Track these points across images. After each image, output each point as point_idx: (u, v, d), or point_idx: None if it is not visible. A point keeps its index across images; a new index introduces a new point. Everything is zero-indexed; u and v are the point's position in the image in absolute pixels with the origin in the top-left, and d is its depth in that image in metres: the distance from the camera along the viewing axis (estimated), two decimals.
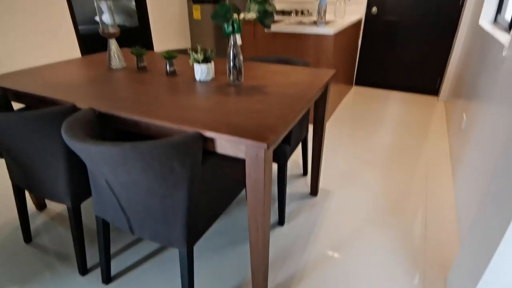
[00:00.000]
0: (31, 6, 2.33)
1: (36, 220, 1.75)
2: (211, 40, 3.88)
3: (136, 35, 4.79)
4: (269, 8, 1.19)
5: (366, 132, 2.76)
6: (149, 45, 3.50)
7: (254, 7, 1.17)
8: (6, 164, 1.42)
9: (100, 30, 1.58)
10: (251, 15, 1.20)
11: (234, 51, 1.30)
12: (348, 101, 3.52)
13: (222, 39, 3.82)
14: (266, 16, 1.20)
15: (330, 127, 2.86)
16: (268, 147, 0.89)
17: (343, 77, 3.35)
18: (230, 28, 1.18)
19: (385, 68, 3.80)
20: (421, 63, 3.59)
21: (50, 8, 2.45)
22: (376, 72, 3.86)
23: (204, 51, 1.38)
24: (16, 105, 2.21)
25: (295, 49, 2.70)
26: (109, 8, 1.58)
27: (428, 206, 1.84)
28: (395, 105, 3.40)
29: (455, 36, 3.29)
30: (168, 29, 3.64)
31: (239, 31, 1.19)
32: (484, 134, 1.59)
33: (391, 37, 3.62)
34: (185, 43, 3.96)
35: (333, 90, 2.96)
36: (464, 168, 1.86)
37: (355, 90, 3.90)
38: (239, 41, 1.26)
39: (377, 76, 3.88)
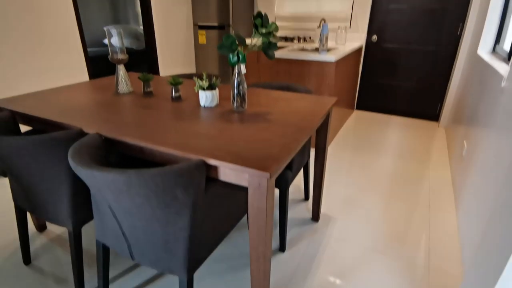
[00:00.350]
0: (41, 29, 2.42)
1: (36, 241, 1.74)
2: (215, 64, 3.98)
3: (143, 57, 4.92)
4: (273, 40, 1.23)
5: (368, 157, 2.77)
6: (155, 67, 3.58)
7: (259, 38, 1.22)
8: (10, 184, 1.43)
9: (110, 56, 1.63)
10: (256, 46, 1.24)
11: (239, 79, 1.34)
12: (350, 125, 3.55)
13: (226, 62, 3.92)
14: (270, 47, 1.24)
15: (331, 151, 2.88)
16: (270, 177, 0.90)
17: (345, 102, 3.40)
18: (235, 59, 1.22)
19: (386, 93, 3.86)
20: (421, 89, 3.65)
21: (60, 31, 2.54)
22: (377, 97, 3.92)
23: (209, 78, 1.42)
24: (23, 128, 2.25)
25: (297, 75, 2.76)
26: (119, 34, 1.64)
27: (431, 234, 1.82)
28: (396, 130, 3.43)
29: (454, 64, 3.36)
30: (174, 52, 3.74)
31: (244, 61, 1.23)
32: (485, 163, 1.60)
33: (391, 63, 3.70)
34: (190, 67, 4.06)
35: (334, 114, 3.00)
36: (466, 196, 1.86)
37: (356, 114, 3.94)
38: (243, 70, 1.30)
39: (378, 101, 3.94)
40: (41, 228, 1.82)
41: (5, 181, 2.30)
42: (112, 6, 5.43)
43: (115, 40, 4.98)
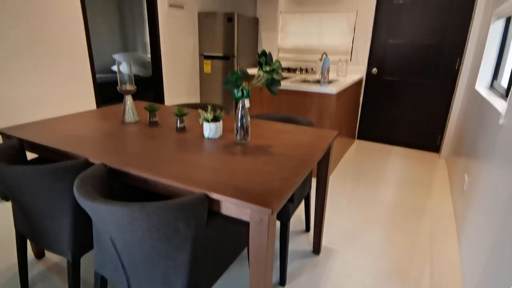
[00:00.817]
0: (53, 57, 2.51)
1: (34, 268, 1.72)
2: (219, 92, 4.07)
3: (149, 84, 5.05)
4: (276, 77, 1.28)
5: (369, 188, 2.77)
6: (160, 94, 3.67)
7: (263, 75, 1.27)
8: (13, 210, 1.44)
9: (119, 87, 1.69)
10: (260, 82, 1.29)
11: (242, 113, 1.38)
12: (351, 154, 3.57)
13: (230, 92, 4.01)
14: (273, 83, 1.29)
15: (333, 181, 2.88)
16: (272, 213, 0.91)
17: (346, 131, 3.45)
18: (240, 94, 1.27)
19: (387, 124, 3.91)
20: (421, 120, 3.70)
21: (72, 59, 2.64)
22: (377, 127, 3.97)
23: (214, 108, 1.47)
24: (30, 155, 2.28)
25: (299, 105, 2.83)
26: (128, 64, 1.70)
27: (434, 268, 1.79)
28: (397, 160, 3.44)
29: (453, 97, 3.43)
30: (179, 80, 3.84)
31: (248, 96, 1.28)
32: (486, 198, 1.60)
33: (391, 95, 3.78)
34: (195, 95, 4.15)
35: (336, 143, 3.03)
36: (468, 230, 1.84)
37: (358, 144, 3.98)
38: (247, 104, 1.34)
39: (379, 131, 3.98)
40: (39, 255, 1.80)
41: (6, 205, 2.31)
42: (122, 34, 5.64)
43: (123, 67, 5.13)
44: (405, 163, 3.36)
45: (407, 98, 3.71)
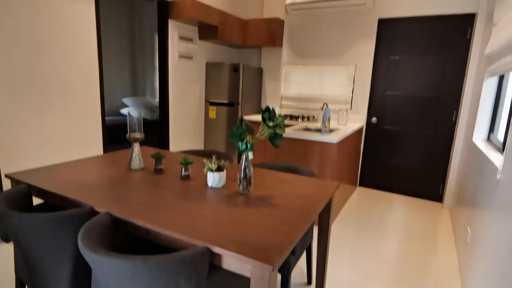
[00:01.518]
0: (67, 101, 2.63)
1: None
2: (223, 137, 4.17)
3: (155, 128, 5.19)
4: (279, 131, 1.35)
5: (372, 238, 2.72)
6: (166, 137, 3.76)
7: (266, 130, 1.34)
8: (14, 256, 1.43)
9: (127, 135, 1.76)
10: (263, 136, 1.36)
11: (246, 164, 1.42)
12: (353, 202, 3.56)
13: None
14: (276, 137, 1.35)
15: (335, 229, 2.84)
16: (273, 269, 0.92)
17: (347, 179, 3.47)
18: (244, 147, 1.33)
19: (388, 172, 3.93)
20: (422, 169, 3.73)
21: (84, 104, 2.76)
22: (379, 175, 3.99)
23: (218, 156, 1.52)
24: (36, 200, 2.31)
25: (301, 153, 2.88)
26: (139, 113, 1.79)
27: None
28: (399, 209, 3.41)
29: (452, 147, 3.49)
30: (185, 124, 3.96)
31: (252, 149, 1.34)
32: (489, 252, 1.58)
33: (391, 144, 3.85)
34: (199, 139, 4.25)
35: (337, 190, 3.04)
36: (473, 283, 1.79)
37: (360, 191, 3.97)
38: (250, 157, 1.39)
39: (381, 179, 4.00)
40: None
41: (6, 247, 2.28)
42: (133, 79, 5.92)
43: (132, 110, 5.32)
44: (408, 213, 3.33)
45: (408, 147, 3.77)
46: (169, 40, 3.55)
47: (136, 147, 1.80)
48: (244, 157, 1.40)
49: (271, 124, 1.32)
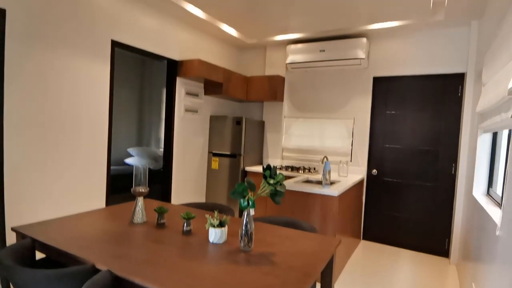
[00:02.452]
0: (75, 155, 2.72)
1: None
2: (225, 188, 4.20)
3: (158, 177, 5.23)
4: (280, 189, 1.40)
5: None
6: (168, 186, 3.79)
7: (267, 187, 1.39)
8: None
9: (132, 189, 1.81)
10: (265, 192, 1.40)
11: (247, 220, 1.45)
12: (357, 257, 3.46)
13: (234, 187, 4.14)
14: (276, 194, 1.39)
15: (339, 286, 2.74)
16: None
17: (350, 232, 3.41)
18: (246, 203, 1.37)
19: (392, 225, 3.88)
20: (426, 222, 3.68)
21: (92, 157, 2.85)
22: (382, 228, 3.93)
23: (220, 210, 1.54)
24: (38, 254, 2.30)
25: (302, 206, 2.89)
26: (144, 168, 1.85)
27: None
28: (406, 265, 3.30)
29: (454, 200, 3.49)
30: (187, 174, 4.02)
31: (253, 206, 1.37)
32: None
33: (394, 196, 3.85)
34: (201, 189, 4.28)
35: (341, 245, 2.98)
36: None
37: (364, 244, 3.88)
38: (252, 213, 1.42)
39: (385, 232, 3.92)
40: None
41: None
42: (139, 129, 6.12)
43: (135, 159, 5.42)
44: (415, 269, 3.22)
45: (410, 199, 3.77)
46: (176, 96, 3.76)
47: (140, 201, 1.83)
48: (245, 213, 1.43)
49: (271, 181, 1.37)
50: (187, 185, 4.04)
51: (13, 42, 2.25)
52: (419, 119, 3.71)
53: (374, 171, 3.95)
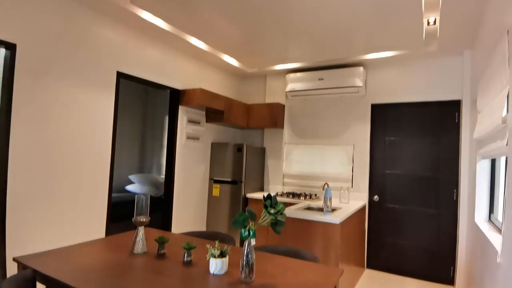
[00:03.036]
0: (78, 186, 2.74)
1: None
2: (225, 215, 4.17)
3: (159, 204, 5.21)
4: (280, 218, 1.41)
5: None
6: (169, 213, 3.77)
7: (268, 217, 1.40)
8: None
9: (134, 219, 1.82)
10: (265, 222, 1.41)
11: (248, 250, 1.45)
12: (362, 287, 3.37)
13: (235, 216, 4.11)
14: (277, 224, 1.40)
15: None
16: None
17: (354, 260, 3.35)
18: (246, 234, 1.37)
19: (396, 253, 3.81)
20: (430, 250, 3.62)
21: (94, 187, 2.87)
22: (387, 256, 3.86)
23: (221, 240, 1.54)
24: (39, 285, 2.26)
25: (304, 233, 2.86)
26: (146, 200, 1.87)
27: None
28: None
29: (457, 227, 3.45)
30: (188, 201, 4.00)
31: (254, 236, 1.38)
32: None
33: (396, 223, 3.81)
34: (202, 216, 4.25)
35: (344, 274, 2.91)
36: None
37: (368, 273, 3.79)
38: (253, 243, 1.43)
39: (389, 260, 3.85)
40: None
41: None
42: (141, 156, 6.16)
43: (136, 187, 5.41)
44: None
45: (413, 226, 3.73)
46: (178, 123, 3.83)
47: (141, 230, 1.83)
48: (246, 243, 1.43)
49: (272, 211, 1.39)
50: (188, 212, 4.02)
51: (22, 74, 2.34)
52: (418, 145, 3.75)
53: (376, 197, 3.93)
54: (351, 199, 4.03)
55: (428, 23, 2.76)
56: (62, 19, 2.59)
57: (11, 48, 2.27)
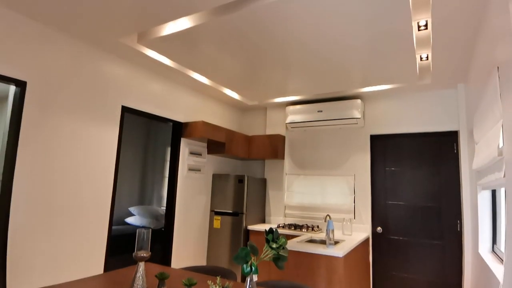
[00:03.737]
0: (76, 214, 2.73)
1: None
2: (226, 248, 4.10)
3: (158, 237, 5.13)
4: (283, 253, 1.40)
5: None
6: (169, 245, 3.70)
7: (270, 251, 1.39)
8: None
9: (134, 254, 1.80)
10: (267, 257, 1.41)
11: (250, 286, 1.43)
12: None
13: (236, 249, 4.04)
14: (280, 259, 1.40)
15: None
16: None
17: None
18: (249, 269, 1.36)
19: (401, 286, 3.69)
20: (436, 283, 3.51)
21: (94, 222, 2.85)
22: None
23: (223, 276, 1.52)
24: None
25: (307, 267, 2.81)
26: (147, 234, 1.86)
27: None
28: None
29: (463, 259, 3.38)
30: (189, 233, 3.95)
31: (256, 272, 1.37)
32: None
33: (401, 255, 3.73)
34: (203, 248, 4.17)
35: None
36: None
37: None
38: (255, 278, 1.41)
39: None
40: None
41: None
42: (141, 188, 6.15)
43: (136, 219, 5.36)
44: None
45: (418, 258, 3.64)
46: (180, 155, 3.88)
47: (141, 266, 1.81)
48: (248, 279, 1.41)
49: (274, 245, 1.39)
50: (189, 245, 3.95)
51: (30, 109, 2.42)
52: (419, 176, 3.76)
53: (379, 229, 3.88)
54: (354, 230, 3.98)
55: (421, 58, 2.88)
56: (71, 57, 2.71)
57: (21, 85, 2.36)
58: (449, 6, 2.08)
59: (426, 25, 2.33)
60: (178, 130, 3.92)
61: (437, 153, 3.70)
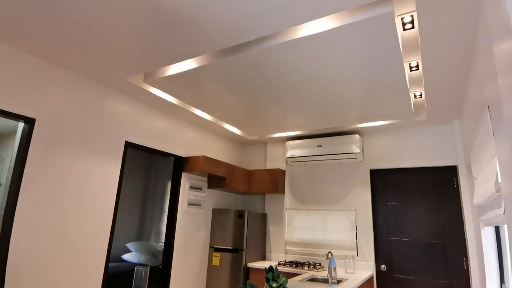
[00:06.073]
0: (74, 249, 2.68)
1: None
2: (225, 285, 3.96)
3: (156, 274, 4.98)
4: None
5: None
6: (166, 285, 3.58)
7: None
8: None
9: None
10: None
11: None
12: None
13: (235, 285, 3.91)
14: None
15: None
16: None
17: None
18: None
19: None
20: None
21: (89, 257, 2.80)
22: None
23: None
24: None
25: None
26: (145, 273, 1.83)
27: None
28: None
29: None
30: (188, 271, 3.84)
31: None
32: None
33: None
34: (201, 287, 4.04)
35: None
36: None
37: None
38: None
39: None
40: None
41: None
42: (140, 223, 6.06)
43: (133, 256, 5.23)
44: None
45: None
46: (181, 190, 3.88)
47: None
48: None
49: (274, 285, 1.37)
50: (187, 283, 3.83)
51: (36, 145, 2.47)
52: (421, 211, 3.72)
53: (383, 267, 3.78)
54: (357, 268, 3.87)
55: (415, 96, 2.99)
56: (79, 95, 2.82)
57: (30, 122, 2.44)
58: (438, 49, 2.21)
59: (417, 66, 2.44)
60: (180, 164, 3.96)
61: (438, 188, 3.69)
